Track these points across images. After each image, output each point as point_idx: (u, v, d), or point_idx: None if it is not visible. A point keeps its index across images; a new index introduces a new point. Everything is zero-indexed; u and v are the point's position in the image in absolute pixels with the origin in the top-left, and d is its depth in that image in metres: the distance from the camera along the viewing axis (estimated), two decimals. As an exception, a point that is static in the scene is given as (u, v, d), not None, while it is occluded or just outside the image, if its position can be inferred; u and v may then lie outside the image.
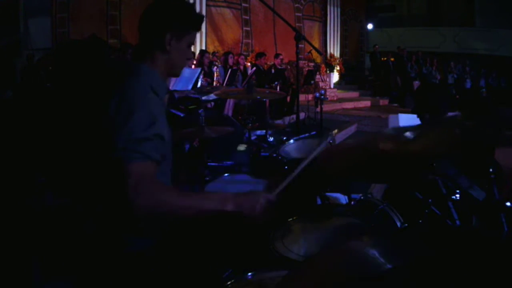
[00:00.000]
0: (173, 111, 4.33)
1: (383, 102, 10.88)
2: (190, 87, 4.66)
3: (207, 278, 1.48)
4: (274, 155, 2.35)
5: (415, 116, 2.23)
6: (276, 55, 8.47)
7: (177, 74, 1.49)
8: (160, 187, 1.23)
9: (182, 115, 4.30)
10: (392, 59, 11.86)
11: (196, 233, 1.45)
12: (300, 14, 11.47)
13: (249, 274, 1.19)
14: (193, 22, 1.43)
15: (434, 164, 1.34)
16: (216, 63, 6.96)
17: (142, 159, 1.19)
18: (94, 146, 1.35)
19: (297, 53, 3.03)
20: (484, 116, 0.96)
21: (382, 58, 12.23)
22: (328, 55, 11.94)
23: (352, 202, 1.98)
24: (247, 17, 10.12)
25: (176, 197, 1.23)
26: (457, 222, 1.54)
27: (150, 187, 1.18)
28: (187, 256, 1.42)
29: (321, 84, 9.90)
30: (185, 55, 1.43)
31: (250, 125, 4.48)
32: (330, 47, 12.20)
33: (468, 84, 11.69)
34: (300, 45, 3.01)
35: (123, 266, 1.36)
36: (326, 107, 6.92)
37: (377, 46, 12.30)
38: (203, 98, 4.63)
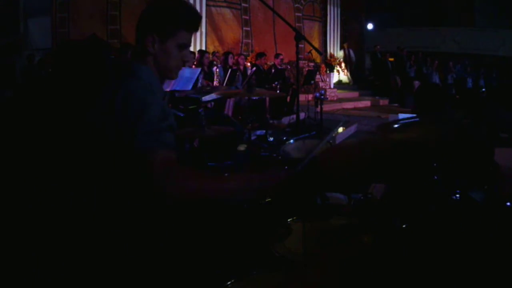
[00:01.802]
0: (173, 111, 4.33)
1: (383, 102, 10.89)
2: (190, 87, 4.66)
3: (207, 278, 1.48)
4: (274, 155, 2.35)
5: (415, 116, 2.23)
6: (276, 55, 8.47)
7: (171, 77, 1.46)
8: (189, 172, 1.21)
9: (182, 115, 4.30)
10: (390, 59, 11.86)
11: (196, 233, 1.45)
12: (300, 14, 11.48)
13: (249, 274, 1.19)
14: (180, 23, 1.38)
15: (435, 165, 1.34)
16: (216, 63, 6.95)
17: (166, 148, 1.19)
18: (97, 145, 1.35)
19: (297, 53, 3.04)
20: (481, 116, 0.96)
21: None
22: (328, 55, 11.94)
23: (352, 202, 1.98)
24: (247, 17, 10.12)
25: (205, 181, 1.22)
26: (457, 222, 1.54)
27: (179, 173, 1.17)
28: (187, 256, 1.42)
29: (321, 84, 9.90)
30: (176, 57, 1.39)
31: (250, 125, 4.48)
32: (330, 47, 12.21)
33: (468, 84, 11.69)
34: (300, 45, 3.01)
35: (122, 268, 1.36)
36: (326, 107, 6.93)
37: (378, 47, 12.30)
38: (203, 98, 4.63)
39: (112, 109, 1.26)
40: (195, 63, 6.20)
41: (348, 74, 12.89)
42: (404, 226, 1.70)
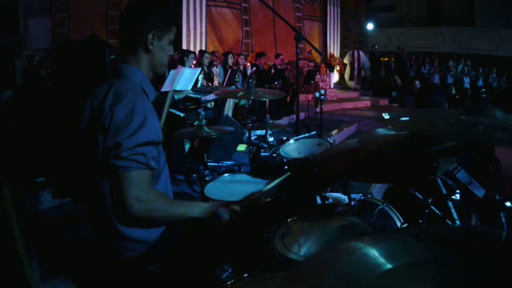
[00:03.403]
0: (173, 111, 4.32)
1: (383, 102, 10.88)
2: (190, 87, 4.66)
3: (207, 278, 1.48)
4: (274, 155, 2.35)
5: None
6: (277, 55, 8.47)
7: (161, 72, 1.49)
8: (157, 195, 1.29)
9: (182, 115, 4.30)
10: (393, 59, 11.86)
11: (196, 233, 1.45)
12: (300, 14, 11.48)
13: (249, 274, 1.19)
14: (173, 19, 1.44)
15: (435, 164, 1.34)
16: (216, 63, 6.94)
17: (143, 168, 1.24)
18: (88, 148, 1.35)
19: (297, 53, 3.03)
20: (480, 115, 0.96)
21: (383, 58, 12.20)
22: (328, 55, 11.94)
23: (352, 202, 1.98)
24: (247, 17, 10.12)
25: (167, 205, 1.31)
26: (457, 222, 1.55)
27: (150, 195, 1.25)
28: (187, 256, 1.42)
29: (321, 84, 9.90)
30: (168, 52, 1.44)
31: (250, 125, 4.47)
32: (330, 47, 12.20)
33: (467, 84, 11.69)
34: (300, 45, 3.00)
35: (122, 269, 1.36)
36: (326, 107, 6.92)
37: (376, 47, 12.27)
38: (203, 98, 4.63)
39: (102, 113, 1.26)
40: (194, 63, 6.19)
41: (355, 80, 12.11)
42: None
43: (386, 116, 1.12)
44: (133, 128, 1.23)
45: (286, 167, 2.17)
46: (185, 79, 4.59)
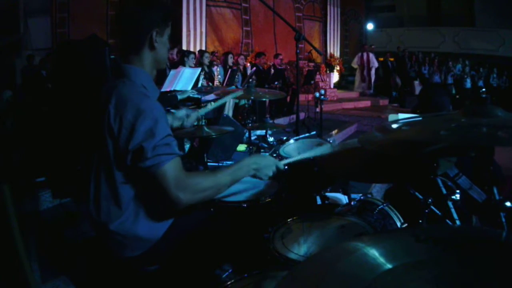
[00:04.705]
0: (173, 111, 4.31)
1: (383, 102, 10.88)
2: (190, 87, 4.65)
3: (207, 278, 1.48)
4: (274, 155, 2.35)
5: (415, 116, 2.22)
6: (276, 55, 8.47)
7: (162, 67, 1.54)
8: (198, 176, 1.32)
9: (182, 115, 4.29)
10: (391, 59, 11.84)
11: (196, 233, 1.45)
12: (300, 14, 11.48)
13: (249, 274, 1.19)
14: (170, 13, 1.45)
15: (435, 164, 1.34)
16: (216, 63, 6.95)
17: (172, 158, 1.25)
18: (95, 147, 1.35)
19: (297, 53, 3.03)
20: (480, 116, 0.96)
21: (380, 58, 12.20)
22: (328, 55, 11.94)
23: (352, 202, 1.98)
24: (247, 17, 10.12)
25: (213, 180, 1.33)
26: (457, 222, 1.55)
27: (190, 179, 1.27)
28: (187, 256, 1.42)
29: (321, 84, 9.90)
30: (168, 46, 1.47)
31: (250, 125, 4.46)
32: (330, 47, 12.21)
33: (468, 84, 11.69)
34: (300, 45, 3.00)
35: (122, 269, 1.36)
36: (326, 107, 6.92)
37: (373, 47, 12.25)
38: (203, 98, 4.62)
39: (108, 115, 1.27)
40: (194, 63, 6.19)
41: (366, 85, 11.56)
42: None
43: (394, 126, 1.11)
44: (148, 127, 1.23)
45: (286, 167, 2.17)
46: (185, 79, 4.59)
